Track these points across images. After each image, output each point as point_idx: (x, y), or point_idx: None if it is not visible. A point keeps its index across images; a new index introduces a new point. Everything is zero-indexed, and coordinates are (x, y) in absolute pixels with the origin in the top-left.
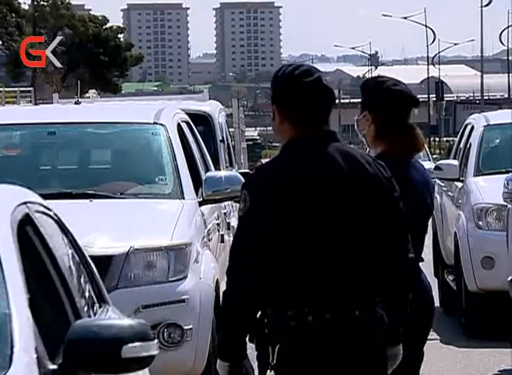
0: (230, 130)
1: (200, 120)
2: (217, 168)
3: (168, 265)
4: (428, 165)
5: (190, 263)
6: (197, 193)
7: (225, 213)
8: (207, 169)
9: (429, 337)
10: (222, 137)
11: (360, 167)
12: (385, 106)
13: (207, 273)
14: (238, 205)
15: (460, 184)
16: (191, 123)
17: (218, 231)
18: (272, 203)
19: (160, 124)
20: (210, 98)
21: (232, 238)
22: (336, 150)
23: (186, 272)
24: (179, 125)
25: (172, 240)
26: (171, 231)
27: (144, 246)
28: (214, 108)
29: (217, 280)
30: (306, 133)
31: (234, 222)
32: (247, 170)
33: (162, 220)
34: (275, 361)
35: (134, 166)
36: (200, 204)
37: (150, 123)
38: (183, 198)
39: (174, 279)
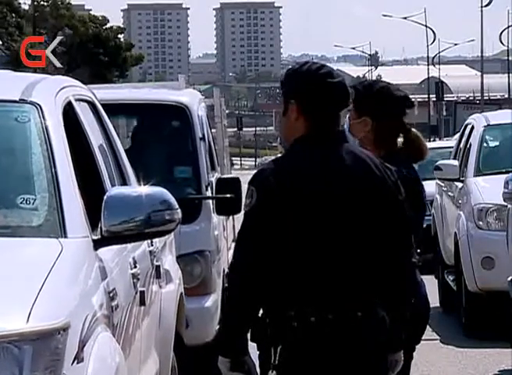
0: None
1: (176, 114)
2: (195, 173)
3: (21, 371)
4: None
5: (64, 364)
6: (96, 224)
7: (151, 252)
8: (124, 184)
9: (429, 337)
10: (203, 135)
11: (368, 169)
12: (391, 112)
13: None
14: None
15: (460, 184)
16: (98, 104)
17: (135, 287)
18: (279, 201)
19: (31, 104)
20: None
21: (165, 290)
22: (346, 151)
23: None
24: (68, 106)
25: (29, 321)
26: (29, 303)
27: None
28: (192, 99)
29: None
30: (318, 132)
31: (169, 263)
32: (234, 175)
33: (16, 281)
34: (277, 361)
35: None
36: (99, 244)
37: (13, 102)
38: (65, 236)
39: None
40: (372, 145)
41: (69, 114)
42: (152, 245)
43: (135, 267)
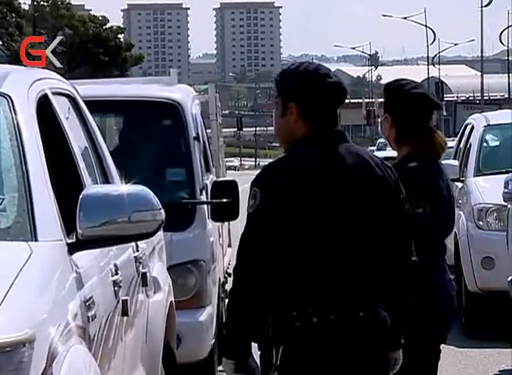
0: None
1: (167, 111)
2: (189, 175)
3: None
4: None
5: None
6: (72, 227)
7: (136, 258)
8: (106, 182)
9: None
10: (197, 134)
11: (369, 168)
12: (405, 110)
13: None
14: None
15: (460, 184)
16: (79, 99)
17: (116, 296)
18: (283, 202)
19: (1, 95)
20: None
21: (153, 299)
22: (347, 151)
23: None
24: (44, 99)
25: None
26: None
27: None
28: (185, 96)
29: None
30: (318, 132)
31: (158, 271)
32: (231, 178)
33: None
34: (278, 362)
35: None
36: (74, 248)
37: None
38: (35, 239)
39: None
40: (395, 143)
41: (45, 108)
42: (138, 251)
43: (116, 274)
